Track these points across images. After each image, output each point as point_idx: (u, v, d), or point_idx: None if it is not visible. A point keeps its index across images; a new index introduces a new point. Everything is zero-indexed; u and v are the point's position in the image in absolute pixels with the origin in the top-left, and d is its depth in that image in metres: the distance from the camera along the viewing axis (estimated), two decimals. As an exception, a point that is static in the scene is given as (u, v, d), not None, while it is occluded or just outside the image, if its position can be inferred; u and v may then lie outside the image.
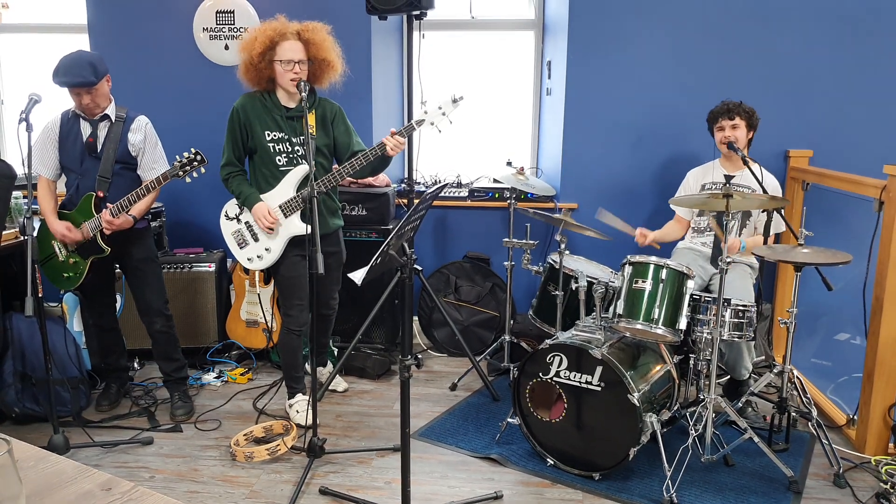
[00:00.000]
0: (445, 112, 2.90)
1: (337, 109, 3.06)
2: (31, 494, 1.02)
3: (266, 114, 2.94)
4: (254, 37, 2.83)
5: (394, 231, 2.11)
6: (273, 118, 2.93)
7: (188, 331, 3.83)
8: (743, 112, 3.29)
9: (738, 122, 3.28)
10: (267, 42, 2.79)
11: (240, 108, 2.94)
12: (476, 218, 4.24)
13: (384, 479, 2.75)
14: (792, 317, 2.80)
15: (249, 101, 2.97)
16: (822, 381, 3.54)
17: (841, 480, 2.69)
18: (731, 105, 3.31)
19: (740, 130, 3.29)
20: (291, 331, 3.14)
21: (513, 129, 4.44)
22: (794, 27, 3.76)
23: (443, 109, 2.90)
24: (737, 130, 3.29)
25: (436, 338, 4.14)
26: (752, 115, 3.31)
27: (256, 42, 2.80)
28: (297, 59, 2.82)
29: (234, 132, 2.97)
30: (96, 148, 3.03)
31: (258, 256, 3.01)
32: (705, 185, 3.44)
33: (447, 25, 4.31)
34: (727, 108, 3.31)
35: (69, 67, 2.88)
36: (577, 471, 2.75)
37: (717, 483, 2.70)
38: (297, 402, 3.23)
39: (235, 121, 2.96)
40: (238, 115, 2.95)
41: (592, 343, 2.69)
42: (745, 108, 3.30)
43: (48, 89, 2.94)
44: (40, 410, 3.14)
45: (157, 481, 2.72)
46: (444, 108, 2.90)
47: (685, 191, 3.50)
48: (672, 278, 2.73)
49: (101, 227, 2.99)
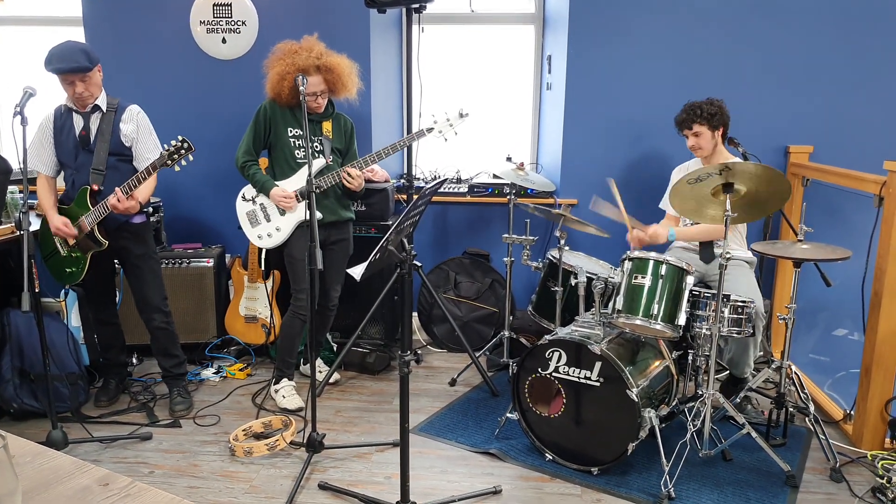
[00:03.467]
0: (453, 124, 3.21)
1: (351, 125, 3.36)
2: (28, 490, 1.01)
3: (291, 115, 3.22)
4: (281, 76, 3.08)
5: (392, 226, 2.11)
6: (296, 118, 3.23)
7: (187, 326, 3.82)
8: (701, 117, 3.20)
9: (698, 129, 3.22)
10: (293, 82, 3.04)
11: (268, 106, 3.21)
12: (476, 214, 4.24)
13: (384, 474, 2.75)
14: (791, 313, 2.80)
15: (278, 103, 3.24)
16: (820, 377, 3.55)
17: (837, 475, 2.70)
18: (686, 114, 3.25)
19: (702, 137, 3.23)
20: (297, 315, 3.27)
21: (513, 124, 4.44)
22: (795, 22, 3.75)
23: (450, 121, 3.21)
24: (699, 138, 3.24)
25: (435, 334, 4.14)
26: (714, 116, 3.20)
27: (285, 83, 3.08)
28: (319, 91, 3.12)
29: (257, 126, 3.22)
30: (89, 141, 3.02)
31: (268, 234, 3.24)
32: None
33: (447, 19, 4.30)
34: (682, 118, 3.27)
35: (62, 54, 2.85)
36: (576, 465, 2.75)
37: (715, 477, 2.71)
38: (282, 388, 3.35)
39: (261, 117, 3.21)
40: (266, 111, 3.21)
41: (591, 338, 2.69)
42: (707, 110, 3.20)
43: (43, 83, 2.92)
44: (39, 406, 3.14)
45: (157, 476, 2.72)
46: (452, 120, 3.21)
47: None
48: (672, 274, 2.73)
49: (98, 219, 2.98)
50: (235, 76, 4.08)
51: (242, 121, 3.32)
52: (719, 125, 3.24)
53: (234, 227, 3.37)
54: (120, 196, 2.90)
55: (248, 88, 3.98)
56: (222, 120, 4.10)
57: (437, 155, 4.35)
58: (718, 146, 3.29)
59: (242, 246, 3.86)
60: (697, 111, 3.21)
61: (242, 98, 4.01)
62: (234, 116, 4.04)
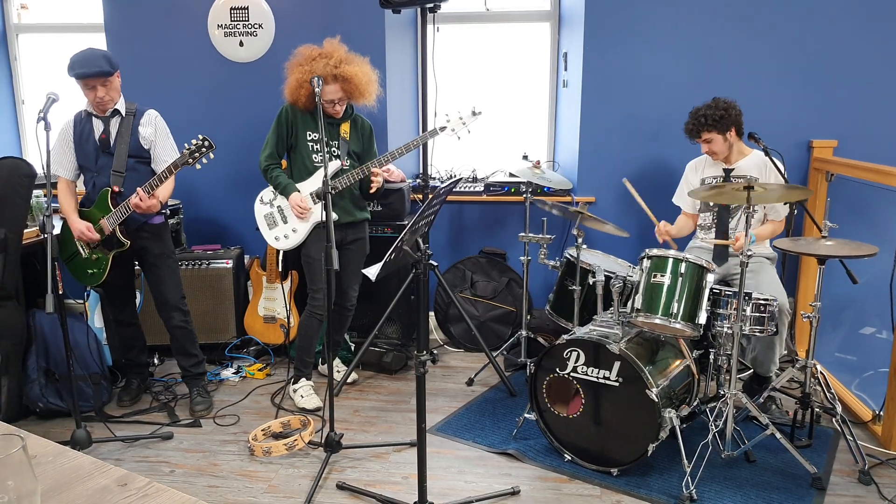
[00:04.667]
0: (465, 122, 3.24)
1: (369, 127, 3.37)
2: (48, 489, 1.03)
3: (310, 118, 3.23)
4: (299, 84, 3.10)
5: (407, 226, 2.10)
6: (315, 122, 3.22)
7: (206, 327, 3.86)
8: (706, 125, 3.14)
9: (709, 136, 3.18)
10: (311, 90, 3.04)
11: (289, 108, 3.22)
12: (492, 212, 4.22)
13: (401, 475, 2.75)
14: (815, 311, 2.75)
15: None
16: (847, 376, 3.48)
17: (866, 477, 2.64)
18: (692, 124, 3.19)
19: (715, 143, 3.19)
20: (314, 314, 3.28)
21: (529, 122, 4.41)
22: (817, 14, 3.68)
23: (463, 120, 3.23)
24: (711, 144, 3.21)
25: (452, 333, 4.13)
26: (721, 119, 3.13)
27: (302, 91, 3.10)
28: (337, 98, 3.13)
29: (279, 129, 3.24)
30: (109, 144, 3.08)
31: (285, 236, 3.26)
32: (704, 180, 3.38)
33: (462, 18, 4.29)
34: (689, 128, 3.22)
35: (85, 60, 2.95)
36: (595, 466, 2.73)
37: (738, 479, 2.67)
38: (301, 387, 3.37)
39: (283, 119, 3.23)
40: (287, 114, 3.22)
41: (610, 338, 2.66)
42: (711, 115, 3.13)
43: (66, 88, 2.98)
44: (63, 405, 3.19)
45: (177, 476, 2.75)
46: (465, 118, 3.23)
47: (688, 186, 3.44)
48: (691, 272, 2.69)
49: (119, 220, 3.03)
50: (252, 79, 4.11)
51: (259, 123, 3.35)
52: (729, 127, 3.17)
53: (253, 229, 3.39)
54: (142, 195, 2.95)
55: (265, 91, 4.00)
56: (240, 122, 4.13)
57: (453, 154, 4.34)
58: (735, 144, 3.25)
59: (261, 247, 3.88)
60: (702, 119, 3.15)
61: (259, 100, 4.04)
62: (252, 119, 4.07)
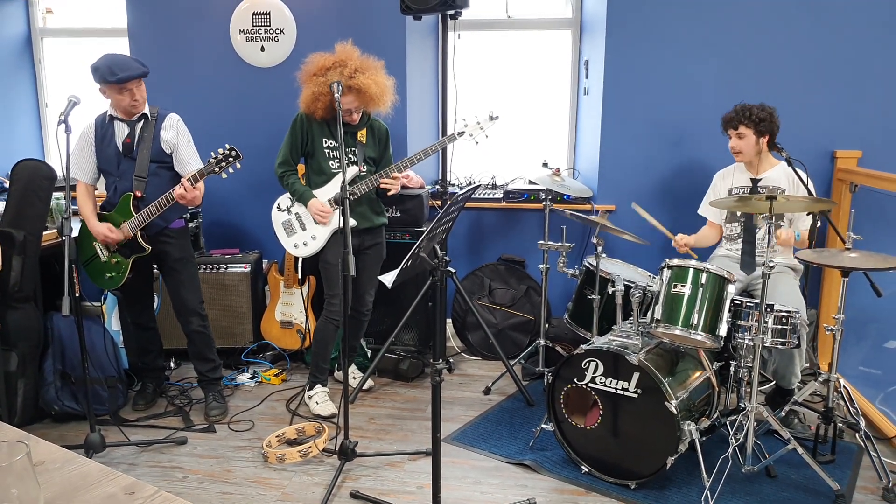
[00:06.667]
0: (483, 127, 3.23)
1: (386, 131, 3.36)
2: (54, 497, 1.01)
3: (326, 126, 3.23)
4: (315, 97, 3.08)
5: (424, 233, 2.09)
6: (331, 130, 3.23)
7: (223, 331, 3.86)
8: (749, 120, 3.12)
9: (744, 131, 3.15)
10: (327, 101, 3.06)
11: (304, 116, 3.21)
12: (511, 220, 4.19)
13: (416, 484, 2.72)
14: (839, 323, 2.69)
15: None
16: (871, 391, 3.40)
17: (891, 495, 2.58)
18: (734, 113, 3.17)
19: (746, 140, 3.16)
20: (330, 320, 3.27)
21: (549, 129, 4.38)
22: (841, 23, 3.61)
23: (481, 124, 3.22)
24: (742, 140, 3.17)
25: (470, 341, 4.10)
26: (763, 121, 3.12)
27: (319, 103, 3.09)
28: (353, 107, 3.11)
29: (294, 136, 3.23)
30: (133, 148, 3.09)
31: (304, 243, 3.25)
32: (732, 190, 3.34)
33: (483, 25, 4.27)
34: (730, 117, 3.19)
35: (121, 64, 2.96)
36: (613, 479, 2.68)
37: (759, 494, 2.61)
38: (316, 394, 3.35)
39: (298, 126, 3.22)
40: (303, 122, 3.22)
41: (629, 349, 2.62)
42: (756, 114, 3.12)
43: (88, 92, 2.99)
44: (79, 408, 3.20)
45: (191, 481, 2.74)
46: (483, 123, 3.22)
47: (715, 194, 3.39)
48: (712, 283, 2.65)
49: (141, 225, 3.04)
50: (274, 84, 4.12)
51: (280, 127, 3.35)
52: (766, 132, 3.15)
53: (272, 233, 3.39)
54: (186, 186, 2.96)
55: (287, 95, 4.00)
56: (261, 127, 4.15)
57: (472, 161, 4.32)
58: (763, 153, 3.21)
59: (279, 252, 3.88)
60: (747, 113, 3.14)
61: (280, 105, 4.05)
62: (273, 123, 4.08)
